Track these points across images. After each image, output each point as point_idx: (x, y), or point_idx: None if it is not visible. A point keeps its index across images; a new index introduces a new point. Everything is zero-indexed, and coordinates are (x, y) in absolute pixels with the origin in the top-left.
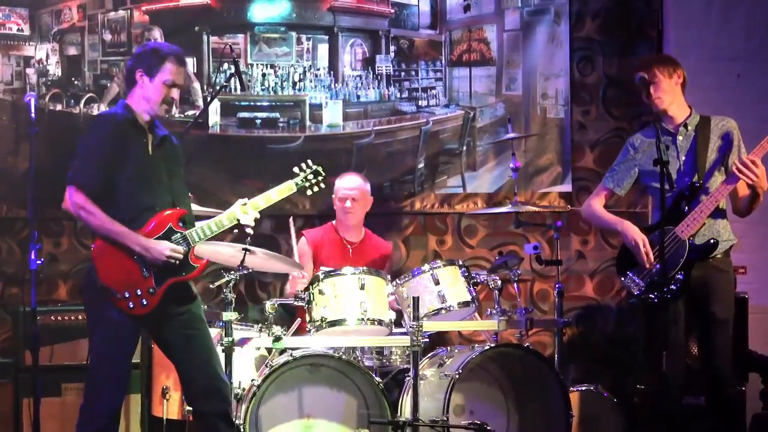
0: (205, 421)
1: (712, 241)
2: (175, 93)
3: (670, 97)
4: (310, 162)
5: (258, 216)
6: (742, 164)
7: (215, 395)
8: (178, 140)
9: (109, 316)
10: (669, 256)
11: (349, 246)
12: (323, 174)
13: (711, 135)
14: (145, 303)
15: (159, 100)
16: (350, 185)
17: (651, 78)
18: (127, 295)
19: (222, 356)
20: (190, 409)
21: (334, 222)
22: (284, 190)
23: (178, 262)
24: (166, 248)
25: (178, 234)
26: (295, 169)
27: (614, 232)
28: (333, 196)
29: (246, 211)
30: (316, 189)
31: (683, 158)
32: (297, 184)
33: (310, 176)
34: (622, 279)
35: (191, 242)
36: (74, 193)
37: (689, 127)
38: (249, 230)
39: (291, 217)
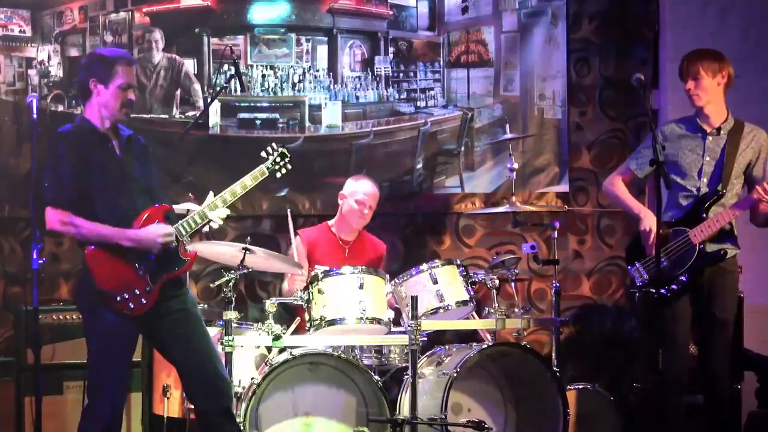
0: (207, 419)
1: (722, 252)
2: (131, 94)
3: (709, 96)
4: (274, 145)
5: (228, 212)
6: (763, 188)
7: (215, 393)
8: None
9: (106, 319)
10: (677, 257)
11: (344, 245)
12: (289, 155)
13: (741, 143)
14: (143, 302)
15: (118, 105)
16: (369, 191)
17: (695, 74)
18: (126, 296)
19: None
20: (191, 407)
21: (329, 222)
22: (257, 175)
23: (174, 245)
24: (157, 234)
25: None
26: (263, 154)
27: (631, 215)
28: (344, 195)
29: (225, 200)
30: (283, 171)
31: (707, 159)
32: (268, 168)
33: (278, 158)
34: (629, 268)
35: (179, 236)
36: (55, 213)
37: (722, 132)
38: (214, 225)
39: (289, 211)
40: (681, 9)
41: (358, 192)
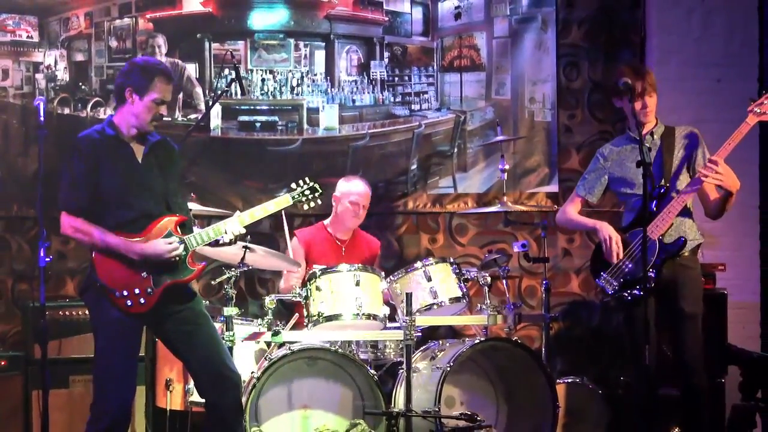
0: (215, 412)
1: (681, 240)
2: (164, 110)
3: (654, 111)
4: (307, 179)
5: (243, 230)
6: (706, 167)
7: (222, 386)
8: (178, 143)
9: (109, 315)
10: (640, 256)
11: (340, 244)
12: (320, 190)
13: (676, 142)
14: (142, 302)
15: (148, 118)
16: (362, 191)
17: (650, 91)
18: (125, 294)
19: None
20: (193, 400)
21: (325, 221)
22: (281, 202)
23: (178, 258)
24: (163, 250)
25: (176, 239)
26: (293, 185)
27: (590, 231)
28: (337, 197)
29: (243, 221)
30: (312, 204)
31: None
32: (293, 198)
33: (307, 192)
34: (596, 280)
35: (189, 247)
36: (67, 218)
37: (655, 136)
38: (226, 238)
39: (283, 212)
40: (666, 15)
41: (351, 193)
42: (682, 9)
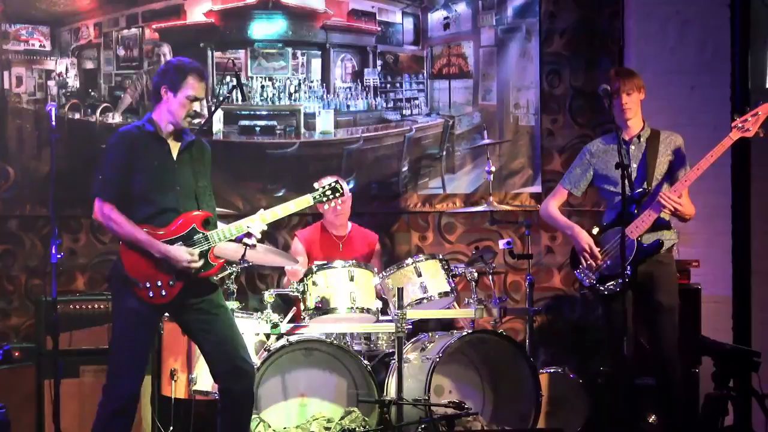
0: (227, 397)
1: (658, 241)
2: (197, 106)
3: (636, 109)
4: (329, 178)
5: (265, 228)
6: (665, 197)
7: (236, 374)
8: (209, 143)
9: (128, 304)
10: (618, 254)
11: (338, 240)
12: (340, 191)
13: (660, 146)
14: (164, 294)
15: (183, 114)
16: None
17: (629, 90)
18: (147, 285)
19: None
20: (196, 389)
21: (322, 221)
22: (302, 202)
23: (194, 270)
24: (184, 257)
25: (201, 234)
26: (315, 185)
27: (565, 234)
28: None
29: (265, 219)
30: (333, 204)
31: (634, 166)
32: (314, 198)
33: (328, 192)
34: (576, 272)
35: (212, 242)
36: (102, 205)
37: (641, 139)
38: (252, 241)
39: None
40: (643, 25)
41: None
42: (658, 20)
